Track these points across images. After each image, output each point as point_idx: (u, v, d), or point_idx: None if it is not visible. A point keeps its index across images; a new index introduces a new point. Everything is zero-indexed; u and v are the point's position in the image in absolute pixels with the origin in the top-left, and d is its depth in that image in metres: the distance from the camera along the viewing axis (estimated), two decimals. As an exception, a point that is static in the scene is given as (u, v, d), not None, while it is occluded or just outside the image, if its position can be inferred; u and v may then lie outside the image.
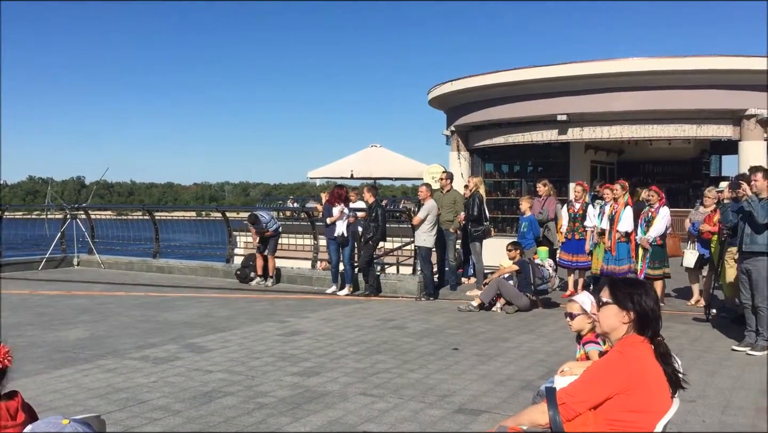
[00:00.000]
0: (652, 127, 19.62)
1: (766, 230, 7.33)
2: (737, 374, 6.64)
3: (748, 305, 7.56)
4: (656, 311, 3.09)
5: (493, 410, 5.42)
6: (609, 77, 19.21)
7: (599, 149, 22.78)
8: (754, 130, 18.90)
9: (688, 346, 7.85)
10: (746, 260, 7.51)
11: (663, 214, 9.86)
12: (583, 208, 10.91)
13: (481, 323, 9.34)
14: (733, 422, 5.19)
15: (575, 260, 11.01)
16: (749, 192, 7.42)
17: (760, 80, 18.59)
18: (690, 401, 5.67)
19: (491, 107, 21.38)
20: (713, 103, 18.83)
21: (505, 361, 7.12)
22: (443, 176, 12.76)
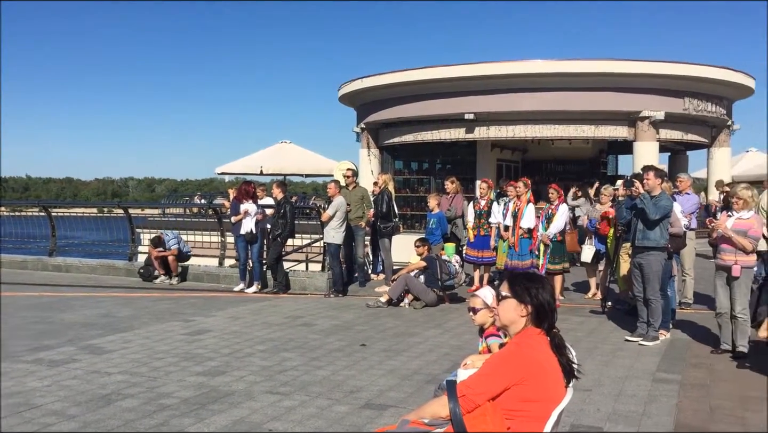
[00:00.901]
0: (554, 127, 20.32)
1: (657, 225, 7.73)
2: (630, 363, 6.97)
3: (640, 297, 7.95)
4: (552, 304, 3.20)
5: (400, 404, 5.48)
6: (514, 78, 19.75)
7: (505, 148, 23.39)
8: (647, 132, 19.90)
9: (584, 337, 8.18)
10: (638, 255, 7.90)
11: (562, 211, 10.25)
12: (488, 205, 11.18)
13: (389, 318, 9.43)
14: (624, 410, 5.45)
15: (481, 256, 11.27)
16: (641, 190, 7.80)
17: (653, 83, 19.61)
18: (586, 390, 5.92)
19: (401, 105, 21.57)
20: (610, 105, 19.69)
21: (411, 356, 7.21)
22: (348, 173, 12.81)
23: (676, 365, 6.87)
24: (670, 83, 19.77)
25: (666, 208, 7.70)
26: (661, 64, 19.77)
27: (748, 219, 7.10)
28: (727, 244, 7.09)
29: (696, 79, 20.03)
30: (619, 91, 19.60)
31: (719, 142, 22.47)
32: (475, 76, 20.02)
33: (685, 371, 6.68)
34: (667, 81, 19.70)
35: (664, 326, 8.04)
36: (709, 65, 20.39)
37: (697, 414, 5.37)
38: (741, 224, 7.08)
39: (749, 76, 21.59)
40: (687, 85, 20.03)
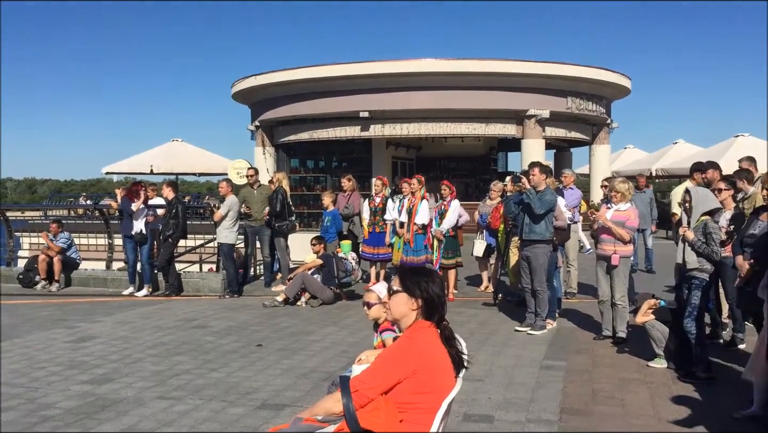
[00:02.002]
0: (447, 125, 20.79)
1: (543, 219, 8.05)
2: (519, 352, 7.24)
3: (528, 288, 8.26)
4: (442, 297, 3.27)
5: (296, 403, 5.45)
6: (408, 76, 20.06)
7: (399, 145, 23.72)
8: (534, 129, 20.72)
9: (477, 329, 8.43)
10: (526, 248, 8.21)
11: (454, 207, 10.49)
12: (383, 203, 11.28)
13: (286, 317, 9.35)
14: (514, 397, 5.66)
15: (377, 252, 11.36)
16: (527, 185, 8.11)
17: (539, 83, 20.44)
18: (478, 379, 6.11)
19: (296, 103, 21.44)
20: (500, 103, 20.37)
21: (308, 354, 7.19)
22: (251, 172, 12.62)
23: (562, 353, 7.20)
24: (555, 83, 20.67)
25: (550, 202, 8.04)
26: (546, 65, 20.64)
27: (625, 211, 7.53)
28: (606, 234, 7.48)
29: (578, 79, 21.03)
30: (507, 90, 20.31)
31: (600, 140, 23.69)
32: (370, 75, 20.18)
33: (570, 357, 7.01)
34: (551, 81, 20.58)
35: (550, 315, 8.40)
36: (589, 66, 21.47)
37: (581, 398, 5.65)
38: (619, 215, 7.49)
39: (626, 76, 22.88)
40: (570, 85, 21.00)
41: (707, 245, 6.15)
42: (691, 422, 5.03)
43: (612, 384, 6.04)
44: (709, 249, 6.15)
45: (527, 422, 5.06)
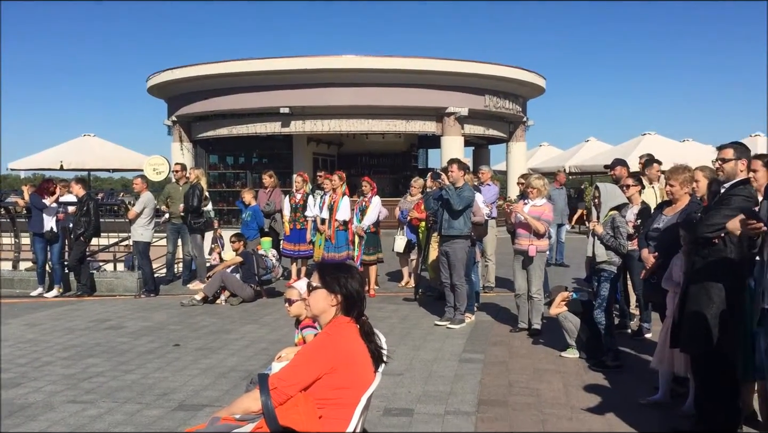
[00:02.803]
0: (368, 122, 20.86)
1: (462, 215, 8.20)
2: (439, 346, 7.35)
3: (447, 283, 8.40)
4: (361, 293, 3.28)
5: (215, 403, 5.36)
6: (328, 72, 20.00)
7: (321, 142, 23.63)
8: (453, 127, 21.05)
9: (398, 324, 8.50)
10: (445, 243, 8.34)
11: (375, 203, 10.55)
12: (303, 199, 11.22)
13: (205, 316, 9.18)
14: (434, 390, 5.75)
15: (297, 249, 11.29)
16: (446, 182, 8.23)
17: (458, 81, 20.77)
18: (398, 374, 6.17)
19: (215, 98, 21.03)
20: (420, 101, 20.58)
21: (228, 353, 7.08)
22: (177, 168, 12.36)
23: (480, 345, 7.36)
24: (473, 81, 21.05)
25: (468, 198, 8.19)
26: (465, 63, 21.00)
27: (541, 206, 7.77)
28: (523, 229, 7.70)
29: (495, 78, 21.49)
30: (428, 88, 20.54)
31: (516, 137, 24.28)
32: (290, 70, 20.02)
33: (488, 350, 7.17)
34: (470, 79, 20.95)
35: (469, 309, 8.57)
36: (507, 65, 21.98)
37: (498, 389, 5.79)
38: (535, 210, 7.73)
39: (541, 76, 23.55)
40: (487, 83, 21.43)
41: (615, 238, 6.42)
42: (601, 409, 5.23)
43: (527, 374, 6.23)
44: (616, 243, 6.42)
45: (446, 414, 5.15)
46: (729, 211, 4.21)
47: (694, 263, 4.51)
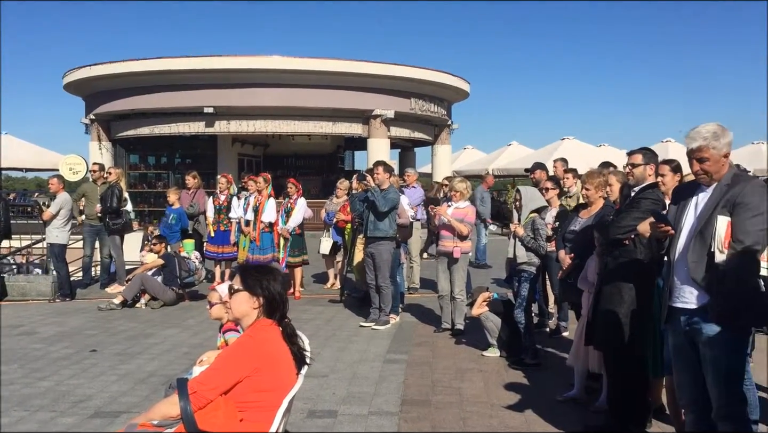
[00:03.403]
0: (294, 123, 20.73)
1: (387, 217, 8.27)
2: (364, 347, 7.39)
3: (372, 285, 8.45)
4: (283, 295, 3.28)
5: (133, 409, 5.23)
6: (254, 72, 19.77)
7: (246, 142, 23.32)
8: (379, 129, 21.17)
9: (323, 325, 8.50)
10: (370, 245, 8.39)
11: (300, 205, 10.50)
12: (228, 200, 11.07)
13: (124, 320, 8.93)
14: (358, 391, 5.78)
15: (221, 251, 11.13)
16: (372, 183, 8.29)
17: (385, 84, 20.90)
18: (323, 376, 6.17)
19: (136, 96, 20.45)
20: (346, 103, 20.60)
21: (147, 358, 6.92)
22: (95, 168, 11.96)
23: (404, 346, 7.43)
24: (399, 84, 21.23)
25: (394, 200, 8.27)
26: (391, 66, 21.15)
27: (464, 208, 7.92)
28: (447, 231, 7.82)
29: (421, 81, 21.73)
30: (354, 90, 20.59)
31: (441, 140, 24.63)
32: (214, 69, 19.68)
33: (412, 350, 7.26)
34: (396, 82, 21.12)
35: (394, 310, 8.65)
36: (432, 69, 22.26)
37: (421, 389, 5.87)
38: (458, 212, 7.86)
39: (465, 80, 23.96)
40: (413, 86, 21.65)
41: (535, 240, 6.62)
42: (520, 406, 5.38)
43: (450, 374, 6.33)
44: (536, 244, 6.61)
45: (370, 414, 5.19)
46: (638, 213, 4.41)
47: (606, 263, 4.71)
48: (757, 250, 3.44)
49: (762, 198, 3.47)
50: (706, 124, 3.58)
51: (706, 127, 3.56)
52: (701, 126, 3.58)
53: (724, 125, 3.57)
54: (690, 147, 3.57)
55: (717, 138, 3.51)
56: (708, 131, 3.53)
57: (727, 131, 3.56)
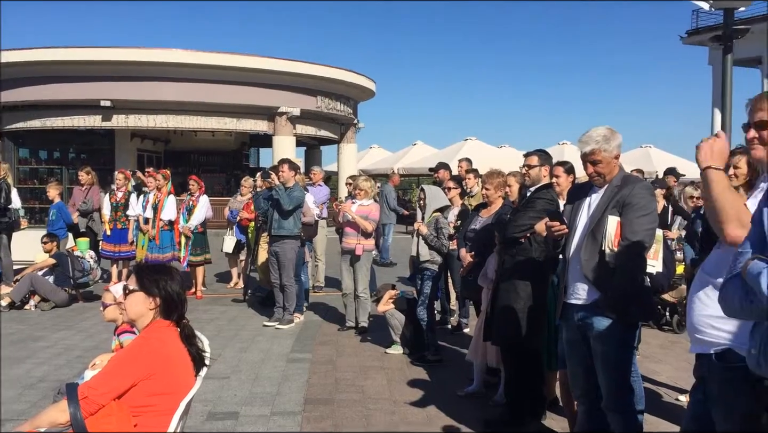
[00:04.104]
0: (197, 119, 20.26)
1: (291, 215, 8.20)
2: (267, 347, 7.30)
3: (276, 283, 8.37)
4: (182, 295, 3.19)
5: (20, 417, 4.96)
6: (155, 66, 19.18)
7: (146, 138, 22.61)
8: (285, 126, 21.00)
9: (226, 325, 8.34)
10: (275, 243, 8.30)
11: (203, 202, 10.27)
12: (125, 197, 10.68)
13: (11, 323, 8.44)
14: (261, 392, 5.70)
15: (118, 250, 10.73)
16: (277, 181, 8.20)
17: (291, 81, 20.75)
18: (224, 377, 6.06)
19: (25, 87, 19.41)
20: (251, 99, 20.31)
21: (36, 362, 6.58)
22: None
23: (308, 345, 7.40)
24: (306, 82, 21.13)
25: (299, 198, 8.22)
26: (297, 64, 21.02)
27: (368, 206, 7.96)
28: (351, 228, 7.84)
29: (327, 79, 21.71)
30: (259, 86, 20.33)
31: (347, 139, 24.70)
32: (113, 61, 18.97)
33: (316, 349, 7.23)
34: (302, 80, 21.01)
35: (298, 309, 8.60)
36: (338, 68, 22.28)
37: (324, 387, 5.86)
38: (362, 210, 7.90)
39: (371, 80, 24.11)
40: (319, 84, 21.61)
41: (438, 238, 6.73)
42: (422, 402, 5.46)
43: (353, 372, 6.35)
44: (439, 243, 6.73)
45: (272, 415, 5.13)
46: (534, 213, 4.58)
47: (504, 261, 4.85)
48: (644, 248, 3.64)
49: (648, 199, 3.67)
50: (597, 128, 3.75)
51: (597, 130, 3.73)
52: (593, 130, 3.74)
53: (613, 128, 3.75)
54: (583, 151, 3.73)
55: (608, 141, 3.68)
56: (599, 135, 3.70)
57: (617, 134, 3.74)
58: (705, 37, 25.60)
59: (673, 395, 5.67)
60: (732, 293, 2.05)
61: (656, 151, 25.88)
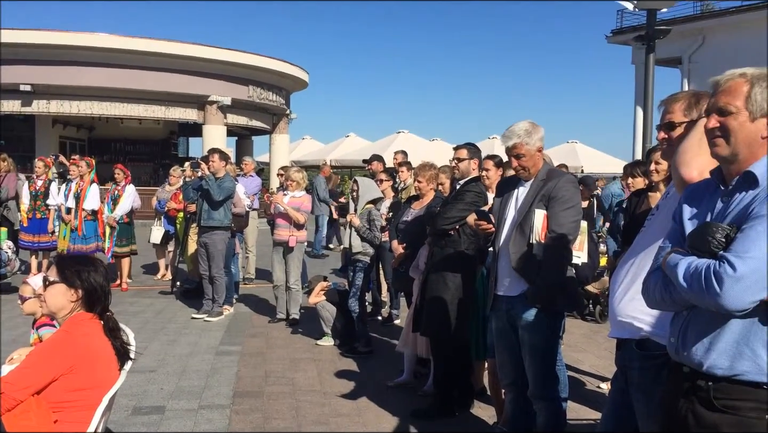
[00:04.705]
0: (123, 106, 19.68)
1: (222, 206, 8.07)
2: (195, 340, 7.18)
3: (206, 275, 8.22)
4: (105, 287, 3.10)
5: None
6: (78, 50, 18.51)
7: (69, 124, 21.86)
8: (215, 116, 20.63)
9: (153, 318, 8.14)
10: (204, 234, 8.15)
11: (129, 192, 9.99)
12: (45, 186, 10.28)
13: None
14: (188, 385, 5.60)
15: (38, 240, 10.32)
16: (207, 171, 8.04)
17: (222, 70, 20.38)
18: (151, 370, 5.93)
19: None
20: (181, 87, 19.85)
21: (-52, 358, 6.26)
22: None
23: (238, 337, 7.31)
24: (237, 71, 20.79)
25: (229, 189, 8.09)
26: (229, 52, 20.66)
27: (300, 197, 7.92)
28: (283, 220, 7.77)
29: (259, 69, 21.43)
30: (189, 74, 19.90)
31: (279, 129, 24.47)
32: (33, 44, 18.20)
33: (246, 341, 7.15)
34: (233, 68, 20.67)
35: (228, 301, 8.48)
36: (271, 57, 22.01)
37: (254, 380, 5.80)
38: (294, 201, 7.84)
39: (304, 70, 23.93)
40: (251, 74, 21.30)
41: (370, 230, 6.74)
42: (353, 394, 5.48)
43: (284, 364, 6.31)
44: (371, 234, 6.74)
45: (200, 408, 5.05)
46: (463, 205, 4.64)
47: (433, 253, 4.91)
48: (569, 240, 3.74)
49: (573, 192, 3.77)
50: (519, 123, 3.83)
51: (519, 125, 3.81)
52: (515, 125, 3.82)
53: (535, 122, 3.84)
54: (507, 145, 3.81)
55: (529, 135, 3.77)
56: (521, 129, 3.78)
57: (539, 127, 3.83)
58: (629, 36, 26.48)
59: (595, 383, 5.86)
60: (653, 285, 2.14)
61: (582, 147, 26.57)
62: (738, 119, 2.02)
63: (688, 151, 2.36)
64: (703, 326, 2.02)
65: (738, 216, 1.96)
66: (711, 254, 1.92)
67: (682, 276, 1.96)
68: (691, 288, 1.93)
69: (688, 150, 2.36)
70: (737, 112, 2.02)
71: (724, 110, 2.04)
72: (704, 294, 1.89)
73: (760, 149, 2.01)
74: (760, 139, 2.01)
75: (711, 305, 1.90)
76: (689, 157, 2.35)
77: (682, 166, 2.38)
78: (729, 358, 1.96)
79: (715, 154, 2.09)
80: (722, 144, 2.05)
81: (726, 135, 2.04)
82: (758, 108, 2.01)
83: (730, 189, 2.05)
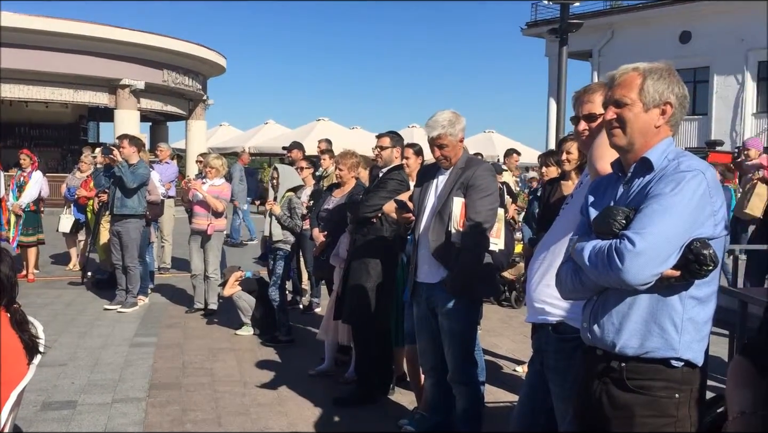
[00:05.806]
0: (27, 88, 18.75)
1: (135, 193, 7.82)
2: (108, 331, 6.95)
3: (119, 265, 7.97)
4: (12, 278, 2.95)
5: None
6: (-24, 28, 17.47)
7: (-32, 107, 20.58)
8: (128, 100, 19.94)
9: (62, 310, 7.83)
10: (117, 223, 7.89)
11: (36, 179, 9.55)
12: (-57, 172, 9.69)
13: None
14: (101, 379, 5.42)
15: (-65, 230, 9.73)
16: (119, 158, 7.77)
17: (134, 52, 19.69)
18: (61, 364, 5.71)
19: None
20: (90, 70, 19.07)
21: None
22: None
23: (153, 328, 7.12)
24: (151, 54, 20.14)
25: (143, 176, 7.84)
26: (141, 34, 19.98)
27: (219, 186, 7.77)
28: (201, 208, 7.61)
29: (174, 52, 20.84)
30: (99, 56, 19.14)
31: (196, 115, 23.89)
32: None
33: (162, 332, 6.98)
34: (147, 51, 20.01)
35: (142, 291, 8.24)
36: (186, 41, 21.43)
37: (171, 372, 5.67)
38: (214, 189, 7.69)
39: (222, 55, 23.42)
40: (166, 57, 20.69)
41: (291, 218, 6.69)
42: (274, 383, 5.44)
43: (202, 355, 6.20)
44: (292, 222, 6.69)
45: (114, 402, 4.90)
46: (385, 193, 4.67)
47: (355, 240, 4.92)
48: (487, 228, 3.82)
49: (490, 180, 3.86)
50: (442, 112, 3.87)
51: (443, 115, 3.85)
52: (438, 114, 3.86)
53: (458, 112, 3.89)
54: (430, 135, 3.85)
55: (453, 125, 3.82)
56: (445, 119, 3.82)
57: (461, 117, 3.89)
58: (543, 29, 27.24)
59: (512, 367, 6.03)
60: (565, 275, 2.23)
61: (498, 136, 27.17)
62: (633, 110, 2.14)
63: (601, 145, 2.46)
64: (613, 308, 2.11)
65: (637, 199, 2.07)
66: (614, 236, 2.02)
67: (587, 258, 2.05)
68: (595, 267, 2.03)
69: (601, 144, 2.46)
70: (632, 104, 2.14)
71: (620, 102, 2.16)
72: (608, 270, 1.98)
73: (654, 137, 2.14)
74: (653, 128, 2.14)
75: (615, 281, 2.00)
76: (603, 150, 2.45)
77: (598, 160, 2.48)
78: (639, 337, 2.06)
79: (614, 144, 2.21)
80: (619, 134, 2.17)
81: (623, 125, 2.16)
82: (651, 99, 2.13)
83: (629, 176, 2.17)
